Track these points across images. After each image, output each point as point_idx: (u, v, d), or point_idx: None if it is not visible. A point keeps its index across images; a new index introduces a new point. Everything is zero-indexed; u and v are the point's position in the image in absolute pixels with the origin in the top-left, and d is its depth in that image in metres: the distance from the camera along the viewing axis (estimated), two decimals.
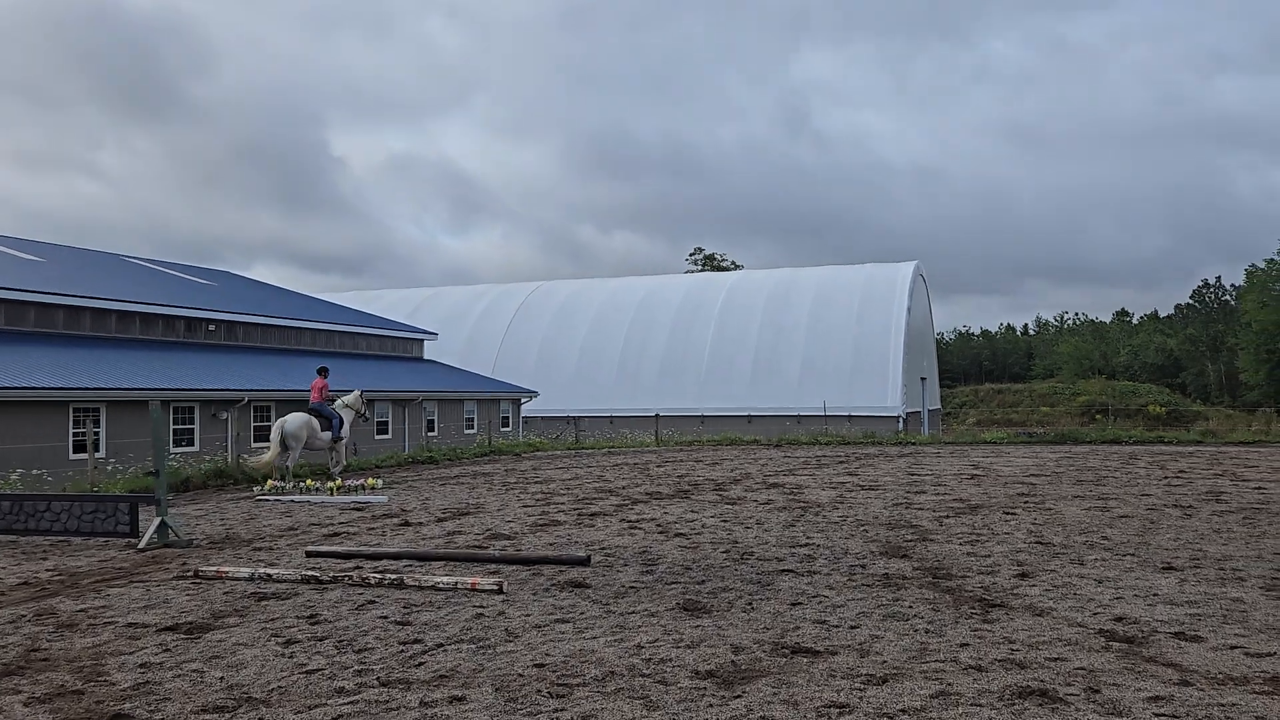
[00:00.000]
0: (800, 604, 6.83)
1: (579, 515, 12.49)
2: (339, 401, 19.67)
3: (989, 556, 8.69)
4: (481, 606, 6.97)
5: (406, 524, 12.04)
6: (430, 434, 35.16)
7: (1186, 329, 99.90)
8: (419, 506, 13.98)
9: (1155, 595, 6.90)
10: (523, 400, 42.39)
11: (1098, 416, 49.45)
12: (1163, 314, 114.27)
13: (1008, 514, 11.78)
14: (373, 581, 7.79)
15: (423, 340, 43.56)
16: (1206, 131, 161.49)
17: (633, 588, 7.55)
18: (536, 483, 17.72)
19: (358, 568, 8.67)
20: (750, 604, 6.85)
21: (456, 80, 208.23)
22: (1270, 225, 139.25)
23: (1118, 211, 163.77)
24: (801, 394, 43.07)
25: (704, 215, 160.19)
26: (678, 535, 10.41)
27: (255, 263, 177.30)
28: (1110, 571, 7.86)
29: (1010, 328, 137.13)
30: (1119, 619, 6.18)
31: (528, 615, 6.67)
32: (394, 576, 7.83)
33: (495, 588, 7.44)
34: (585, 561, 8.58)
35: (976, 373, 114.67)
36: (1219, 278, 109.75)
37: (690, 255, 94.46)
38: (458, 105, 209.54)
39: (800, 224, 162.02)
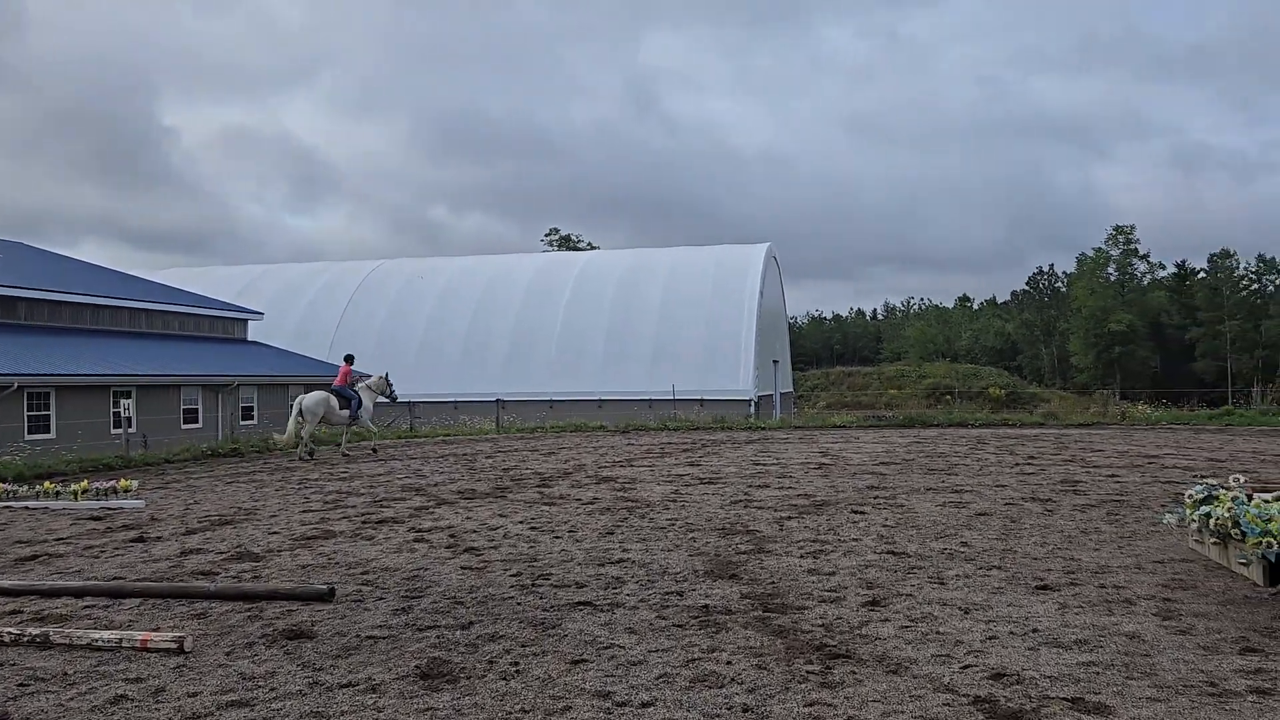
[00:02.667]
0: (585, 661, 5.07)
1: (364, 523, 10.44)
2: (362, 384, 21.70)
3: (834, 574, 7.16)
4: (139, 678, 4.92)
5: (141, 539, 9.72)
6: (248, 422, 32.05)
7: (1023, 314, 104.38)
8: (177, 514, 11.60)
9: (1035, 631, 5.45)
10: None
11: (945, 398, 50.25)
12: (1001, 300, 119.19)
13: (856, 513, 10.39)
14: (6, 640, 5.61)
15: (246, 320, 40.09)
16: (1030, 127, 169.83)
17: (371, 638, 5.63)
18: (340, 479, 15.49)
19: (15, 613, 6.44)
20: (516, 665, 5.03)
21: (298, 54, 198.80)
22: (1091, 217, 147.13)
23: (954, 202, 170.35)
24: (654, 378, 41.70)
25: (559, 197, 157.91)
26: (468, 550, 8.52)
27: (83, 240, 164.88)
28: (977, 593, 6.43)
29: (860, 312, 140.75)
30: (997, 676, 4.65)
31: (195, 694, 4.67)
32: (37, 632, 5.66)
33: (174, 645, 5.39)
34: (326, 596, 6.60)
35: (829, 356, 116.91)
36: (1051, 265, 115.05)
37: (545, 236, 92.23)
38: (300, 80, 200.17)
39: (654, 207, 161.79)
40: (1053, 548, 8.09)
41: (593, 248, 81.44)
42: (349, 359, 22.64)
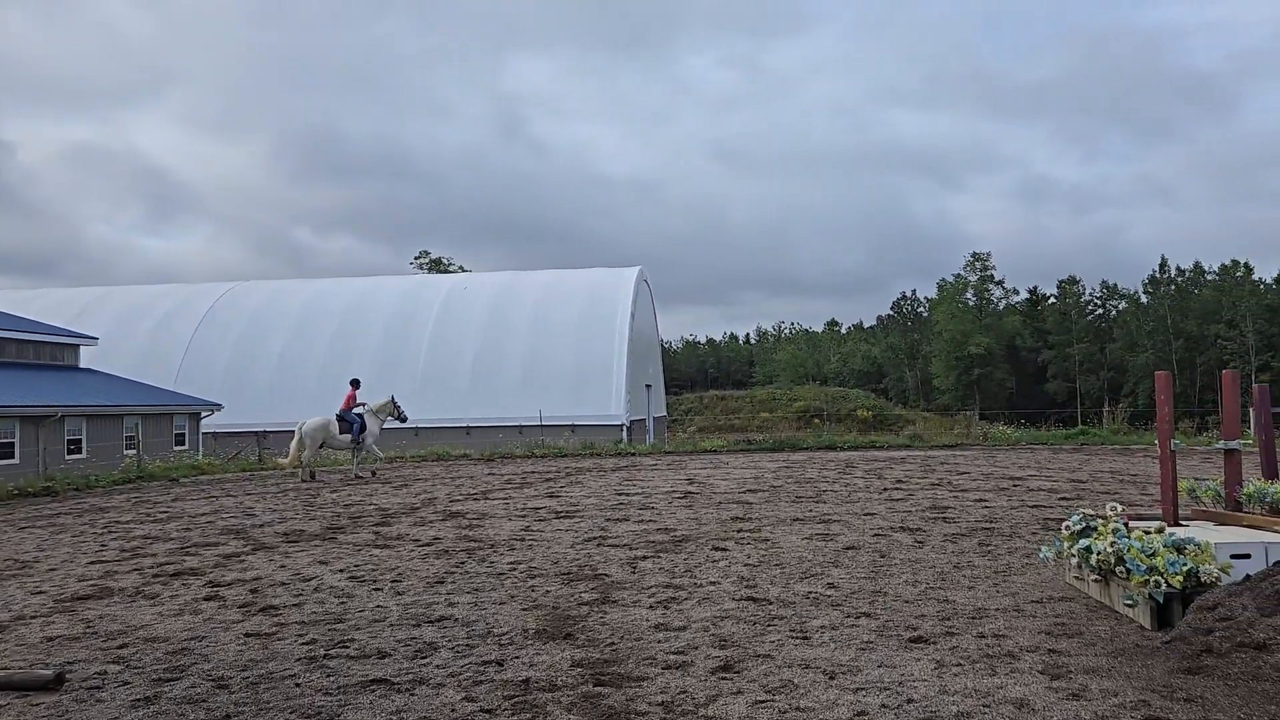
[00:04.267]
0: None
1: (155, 577, 8.98)
2: (367, 407, 21.61)
3: (684, 629, 6.22)
4: None
5: None
6: (75, 456, 29.33)
7: (888, 338, 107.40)
8: None
9: (910, 702, 4.61)
10: (203, 414, 36.96)
11: (814, 421, 50.63)
12: (867, 324, 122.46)
13: (718, 549, 9.53)
14: None
15: (78, 346, 37.02)
16: (888, 159, 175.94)
17: None
18: (153, 521, 13.79)
19: None
20: None
21: (147, 69, 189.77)
22: (948, 245, 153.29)
23: (821, 229, 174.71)
24: (523, 403, 40.42)
25: (428, 219, 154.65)
26: (264, 611, 7.24)
27: None
28: (844, 650, 5.59)
29: (734, 336, 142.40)
30: None
31: None
32: None
33: None
34: (52, 684, 5.27)
35: (703, 380, 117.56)
36: (914, 291, 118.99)
37: (415, 259, 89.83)
38: (151, 97, 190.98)
39: (526, 231, 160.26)
40: (925, 587, 7.37)
41: (464, 270, 79.61)
42: (354, 383, 22.21)
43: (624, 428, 39.31)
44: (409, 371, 42.30)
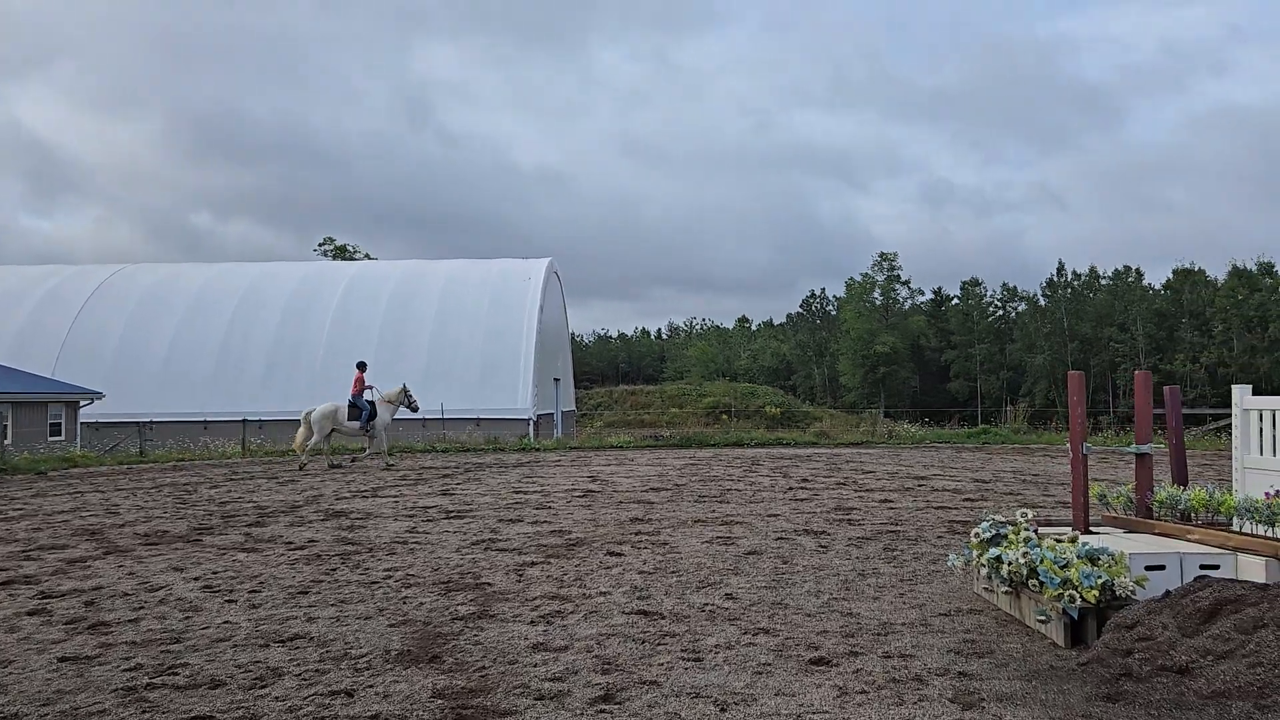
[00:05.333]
0: None
1: None
2: (377, 394, 21.19)
3: (566, 649, 5.62)
4: None
5: None
6: None
7: (797, 335, 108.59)
8: None
9: None
10: (82, 403, 34.87)
11: (723, 417, 50.59)
12: (777, 322, 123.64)
13: (612, 554, 8.96)
14: None
15: None
16: (796, 159, 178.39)
17: None
18: (1, 520, 12.59)
19: None
20: None
21: (30, 41, 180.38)
22: (856, 245, 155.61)
23: (731, 226, 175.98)
24: (426, 395, 39.04)
25: (333, 205, 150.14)
26: (94, 628, 6.37)
27: None
28: (739, 674, 5.05)
29: (645, 331, 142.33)
30: None
31: None
32: None
33: None
34: None
35: (614, 374, 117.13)
36: (823, 289, 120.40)
37: (320, 246, 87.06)
38: (35, 69, 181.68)
39: (434, 220, 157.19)
40: (828, 598, 6.91)
41: (369, 258, 77.51)
42: (361, 366, 21.80)
43: (530, 422, 38.50)
44: (308, 361, 40.73)
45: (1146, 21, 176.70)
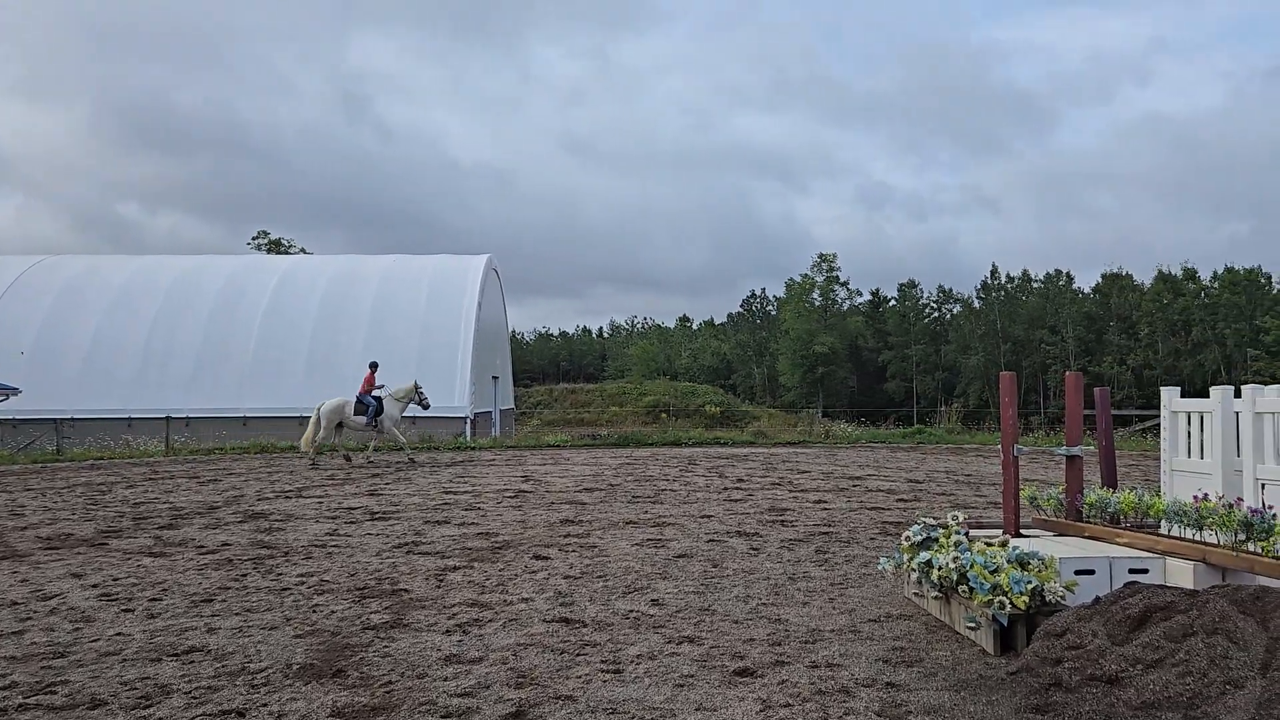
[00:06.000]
0: None
1: None
2: (387, 390, 21.49)
3: (479, 662, 5.33)
4: None
5: None
6: None
7: (737, 335, 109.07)
8: None
9: None
10: None
11: (661, 416, 50.48)
12: (718, 321, 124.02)
13: (539, 558, 8.68)
14: None
15: None
16: (736, 159, 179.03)
17: None
18: None
19: None
20: None
21: None
22: (795, 246, 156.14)
23: (672, 225, 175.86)
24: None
25: (266, 198, 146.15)
26: None
27: None
28: (659, 688, 4.82)
29: (587, 330, 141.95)
30: None
31: None
32: None
33: None
34: None
35: (555, 373, 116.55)
36: (763, 289, 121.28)
37: (254, 240, 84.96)
38: None
39: (371, 215, 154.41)
40: (757, 604, 6.72)
41: (305, 253, 75.97)
42: (373, 366, 22.35)
43: (468, 420, 37.94)
44: (238, 357, 39.60)
45: (1075, 31, 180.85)
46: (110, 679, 5.09)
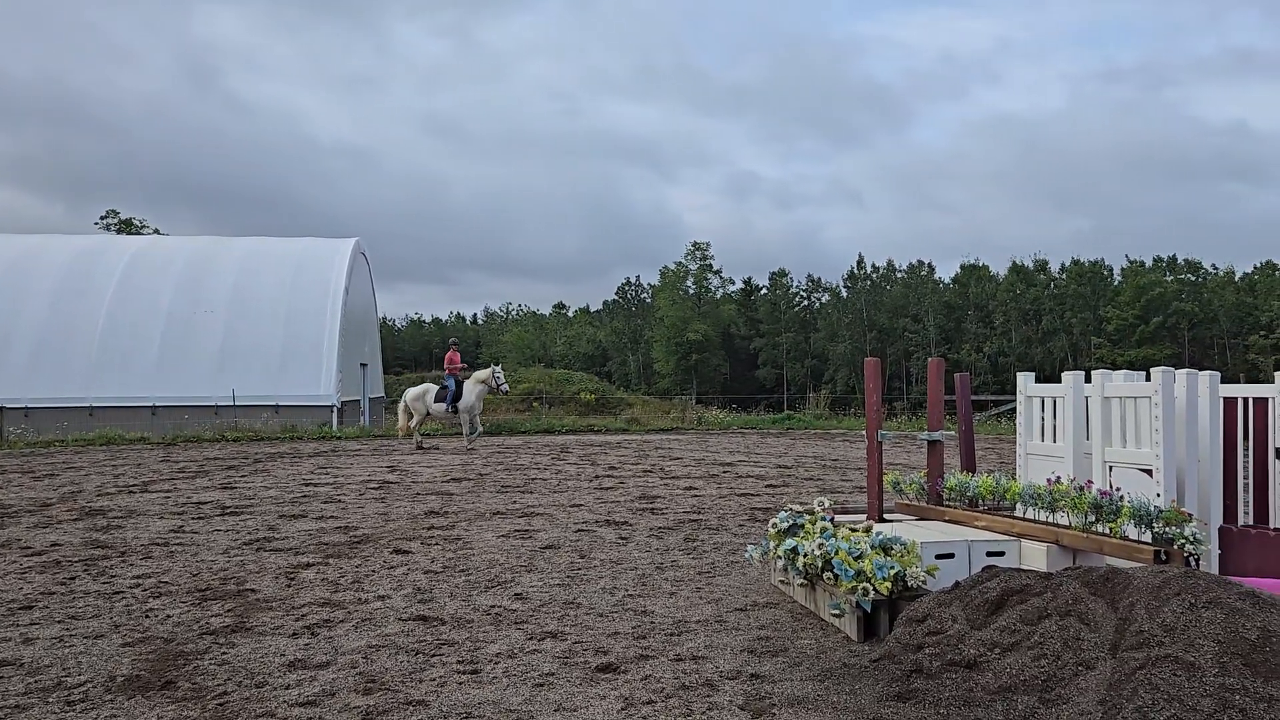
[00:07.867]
0: None
1: None
2: (472, 375, 21.27)
3: (326, 667, 5.00)
4: None
5: None
6: None
7: (613, 322, 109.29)
8: None
9: None
10: None
11: (535, 404, 50.06)
12: (594, 309, 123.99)
13: (400, 553, 8.32)
14: None
15: None
16: (605, 146, 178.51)
17: None
18: None
19: None
20: None
21: None
22: (666, 233, 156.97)
23: (542, 211, 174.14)
24: (220, 381, 36.57)
25: (111, 175, 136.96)
26: None
27: None
28: (518, 688, 4.61)
29: (460, 316, 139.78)
30: None
31: None
32: None
33: None
34: None
35: (428, 360, 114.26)
36: (638, 277, 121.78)
37: (101, 219, 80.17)
38: None
39: (228, 194, 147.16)
40: (623, 595, 6.57)
41: (158, 233, 72.10)
42: (454, 344, 22.52)
43: (334, 409, 36.71)
44: (83, 344, 37.20)
45: (931, 30, 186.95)
46: None
